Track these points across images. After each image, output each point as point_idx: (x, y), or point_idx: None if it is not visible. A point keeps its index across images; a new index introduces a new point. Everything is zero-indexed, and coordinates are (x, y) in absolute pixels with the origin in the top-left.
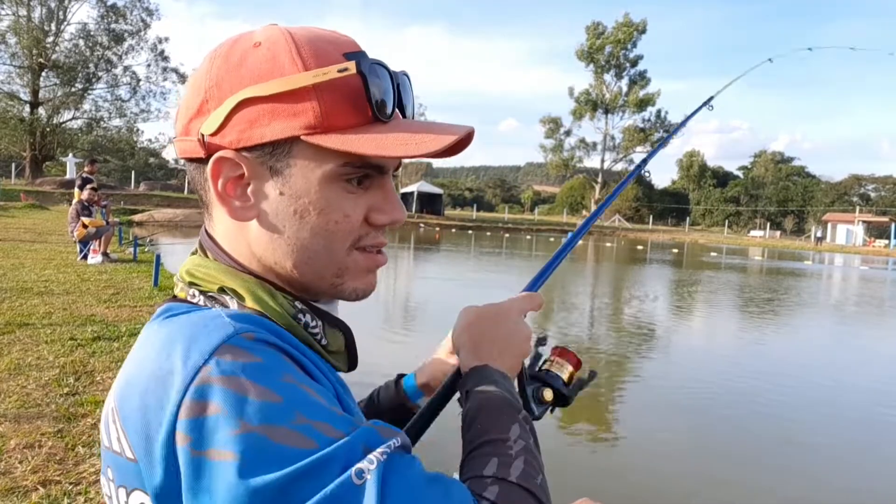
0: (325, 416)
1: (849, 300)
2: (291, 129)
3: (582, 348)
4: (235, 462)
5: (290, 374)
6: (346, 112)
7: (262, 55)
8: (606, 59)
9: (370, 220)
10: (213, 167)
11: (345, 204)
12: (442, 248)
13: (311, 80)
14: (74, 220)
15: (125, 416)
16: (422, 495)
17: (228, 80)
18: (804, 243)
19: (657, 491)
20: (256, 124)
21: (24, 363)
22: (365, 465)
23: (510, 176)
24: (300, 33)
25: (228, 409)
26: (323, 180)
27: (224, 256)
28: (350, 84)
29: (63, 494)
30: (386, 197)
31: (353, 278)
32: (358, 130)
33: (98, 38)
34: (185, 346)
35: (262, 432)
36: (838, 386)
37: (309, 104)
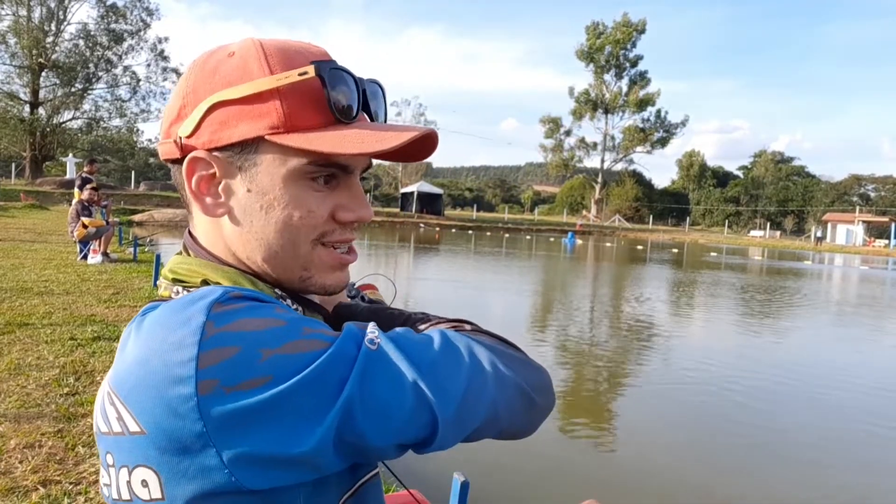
0: (321, 324)
1: (849, 300)
2: (257, 129)
3: (582, 348)
4: (271, 381)
5: (279, 307)
6: (308, 114)
7: (234, 63)
8: (606, 59)
9: (336, 217)
10: (188, 166)
11: (309, 200)
12: (442, 248)
13: (274, 83)
14: (74, 220)
15: (127, 392)
16: (419, 338)
17: (203, 87)
18: (804, 243)
19: (657, 491)
20: (226, 126)
21: (24, 363)
22: (371, 335)
23: (510, 176)
24: (272, 43)
25: (245, 344)
26: (287, 177)
27: (204, 252)
28: (312, 87)
29: (63, 494)
30: (352, 195)
31: (320, 273)
32: (320, 130)
33: (98, 38)
34: (181, 313)
35: (283, 351)
36: (839, 386)
37: (273, 106)
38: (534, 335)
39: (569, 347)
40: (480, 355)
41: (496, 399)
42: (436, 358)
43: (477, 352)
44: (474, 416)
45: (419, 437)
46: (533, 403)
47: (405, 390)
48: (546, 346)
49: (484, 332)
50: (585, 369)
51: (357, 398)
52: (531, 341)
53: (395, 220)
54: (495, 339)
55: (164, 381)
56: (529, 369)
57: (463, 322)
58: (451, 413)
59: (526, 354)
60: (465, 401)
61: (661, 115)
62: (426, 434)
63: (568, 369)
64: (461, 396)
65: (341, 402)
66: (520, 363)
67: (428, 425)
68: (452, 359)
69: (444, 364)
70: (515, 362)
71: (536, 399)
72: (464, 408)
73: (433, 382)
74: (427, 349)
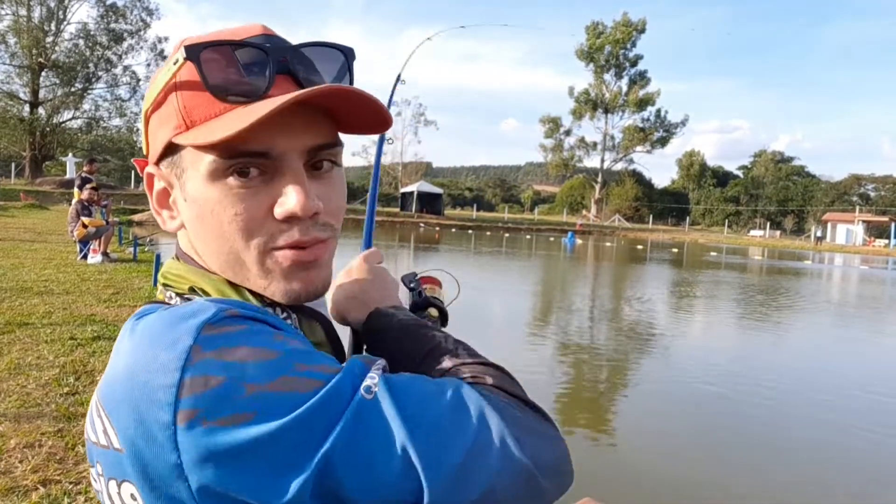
0: (319, 358)
1: (849, 300)
2: (167, 133)
3: (582, 347)
4: (251, 422)
5: (277, 333)
6: (204, 104)
7: (163, 67)
8: (606, 59)
9: (274, 215)
10: (146, 183)
11: (233, 201)
12: (442, 248)
13: (164, 79)
14: (74, 219)
15: (111, 408)
16: (423, 389)
17: (147, 99)
18: (804, 243)
19: (656, 490)
20: (154, 136)
21: (24, 363)
22: (369, 381)
23: (510, 176)
24: (196, 37)
25: (231, 376)
26: (207, 179)
27: (189, 259)
28: (196, 73)
29: (63, 494)
30: (286, 186)
31: (282, 279)
32: (214, 120)
33: (98, 37)
34: (170, 332)
35: (270, 388)
36: (840, 387)
37: (173, 104)
38: (533, 334)
39: (568, 347)
40: (491, 423)
41: (494, 483)
42: (437, 421)
43: (488, 418)
44: (467, 494)
45: (403, 502)
46: (539, 489)
47: (393, 452)
48: (546, 346)
49: (507, 392)
50: (585, 369)
51: (341, 450)
52: (531, 341)
53: (395, 220)
54: (517, 402)
55: (144, 403)
56: (546, 447)
57: (489, 369)
58: (441, 487)
59: (547, 420)
60: (459, 477)
61: (660, 114)
62: (410, 501)
63: (567, 368)
64: (455, 471)
65: (324, 452)
66: (535, 436)
67: (413, 493)
68: (456, 424)
69: (445, 429)
70: (530, 435)
71: (545, 484)
72: (457, 484)
73: (426, 449)
74: (429, 407)
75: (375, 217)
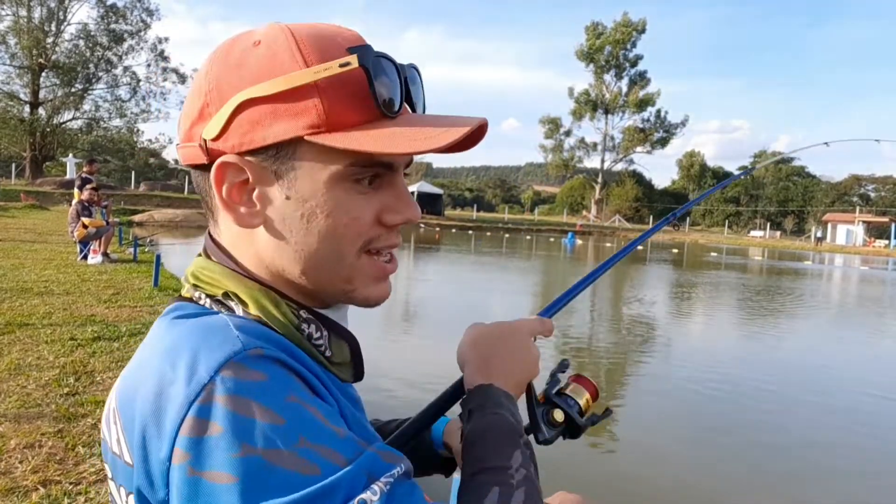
0: (328, 439)
1: (850, 300)
2: (294, 129)
3: (582, 347)
4: (235, 485)
5: (294, 394)
6: (350, 109)
7: (262, 54)
8: (606, 59)
9: (383, 221)
10: (217, 173)
11: (354, 205)
12: (442, 248)
13: (311, 76)
14: (74, 220)
15: (125, 421)
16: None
17: (228, 82)
18: (804, 243)
19: (657, 490)
20: (258, 126)
21: (24, 363)
22: (368, 496)
23: (510, 176)
24: (302, 30)
25: (231, 429)
26: (330, 182)
27: (229, 261)
28: (353, 79)
29: (63, 494)
30: (398, 196)
31: (364, 285)
32: (364, 128)
33: (98, 38)
34: (190, 358)
35: (264, 456)
36: (841, 387)
37: (311, 102)
38: None
39: (568, 346)
40: None
41: None
42: None
43: None
44: None
45: None
46: None
47: None
48: (545, 346)
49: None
50: (585, 369)
51: None
52: None
53: None
54: None
55: (151, 428)
56: None
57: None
58: None
59: None
60: None
61: (660, 115)
62: None
63: None
64: None
65: None
66: None
67: None
68: None
69: None
70: None
71: None
72: None
73: None
74: None
75: None
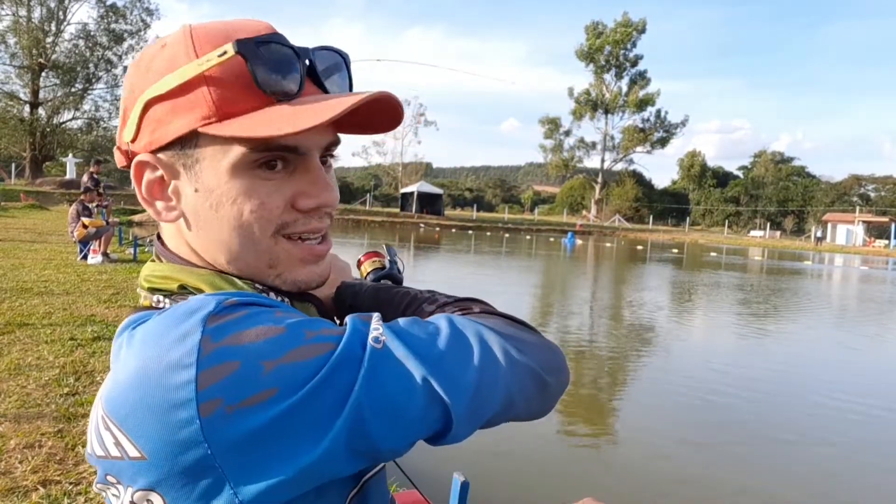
0: (322, 323)
1: (850, 300)
2: (190, 122)
3: (582, 348)
4: (277, 394)
5: (278, 310)
6: (241, 97)
7: (165, 54)
8: (606, 59)
9: (297, 206)
10: (135, 172)
11: (259, 191)
12: (442, 248)
13: (196, 69)
14: (74, 220)
15: (123, 417)
16: (426, 328)
17: (139, 86)
18: (804, 243)
19: (656, 490)
20: (162, 123)
21: (24, 363)
22: (375, 333)
23: (510, 176)
24: (204, 27)
25: (246, 358)
26: (232, 170)
27: (174, 257)
28: (238, 68)
29: (63, 494)
30: (312, 180)
31: (289, 269)
32: (254, 113)
33: (98, 38)
34: (175, 330)
35: (286, 360)
36: (842, 387)
37: (201, 94)
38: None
39: (568, 347)
40: (492, 342)
41: (510, 387)
42: (445, 350)
43: (488, 339)
44: (489, 406)
45: (432, 431)
46: (547, 386)
47: (415, 388)
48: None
49: (493, 314)
50: (585, 369)
51: (366, 401)
52: None
53: (395, 221)
54: (506, 321)
55: (162, 405)
56: (542, 350)
57: (471, 302)
58: (465, 406)
59: (538, 333)
60: (479, 392)
61: (660, 115)
62: (439, 428)
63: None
64: (474, 388)
65: (350, 406)
66: (532, 345)
67: (440, 419)
68: (462, 349)
69: (454, 356)
70: (527, 345)
71: (550, 381)
72: (477, 399)
73: (444, 376)
74: (435, 341)
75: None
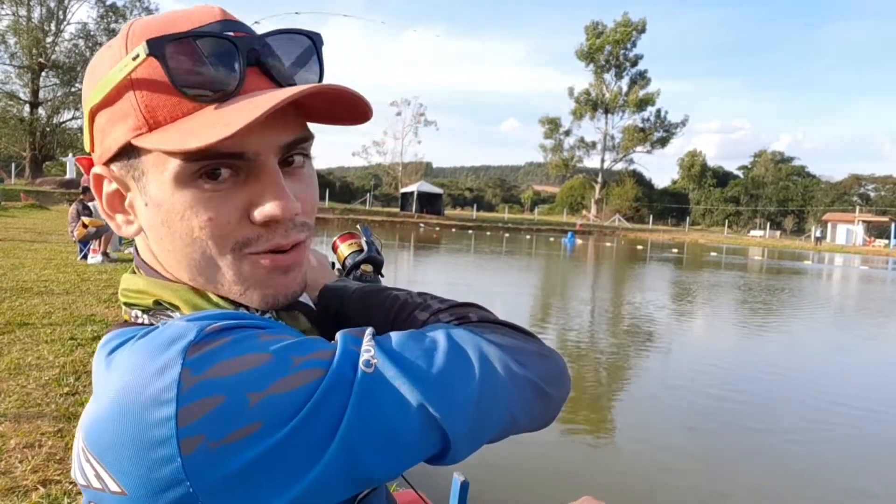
0: (312, 346)
1: (850, 300)
2: (124, 133)
3: (582, 348)
4: (262, 428)
5: (264, 333)
6: (170, 102)
7: (106, 57)
8: (606, 59)
9: (251, 218)
10: (93, 184)
11: (206, 204)
12: (442, 248)
13: (120, 73)
14: (74, 219)
15: (102, 451)
16: (420, 343)
17: (86, 92)
18: (804, 243)
19: (656, 490)
20: (104, 134)
21: (24, 363)
22: (366, 355)
23: (510, 176)
24: (143, 23)
25: (229, 392)
26: (174, 183)
27: (149, 269)
28: (160, 71)
29: (63, 494)
30: (263, 188)
31: (258, 286)
32: (183, 120)
33: (98, 37)
34: (154, 361)
35: (273, 391)
36: (841, 388)
37: (129, 102)
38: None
39: (567, 347)
40: (491, 356)
41: (511, 403)
42: (442, 370)
43: (488, 353)
44: (489, 426)
45: (429, 454)
46: (549, 398)
47: (409, 414)
48: None
49: (492, 322)
50: (585, 370)
51: (357, 429)
52: None
53: (395, 220)
54: (505, 329)
55: (141, 443)
56: (543, 360)
57: (467, 308)
58: (463, 429)
59: (537, 340)
60: (478, 413)
61: (660, 114)
62: (437, 450)
63: (568, 369)
64: (473, 409)
65: (340, 436)
66: (532, 355)
67: (438, 443)
68: (461, 367)
69: (452, 375)
70: (528, 355)
71: (552, 392)
72: (477, 420)
73: (440, 400)
74: (431, 360)
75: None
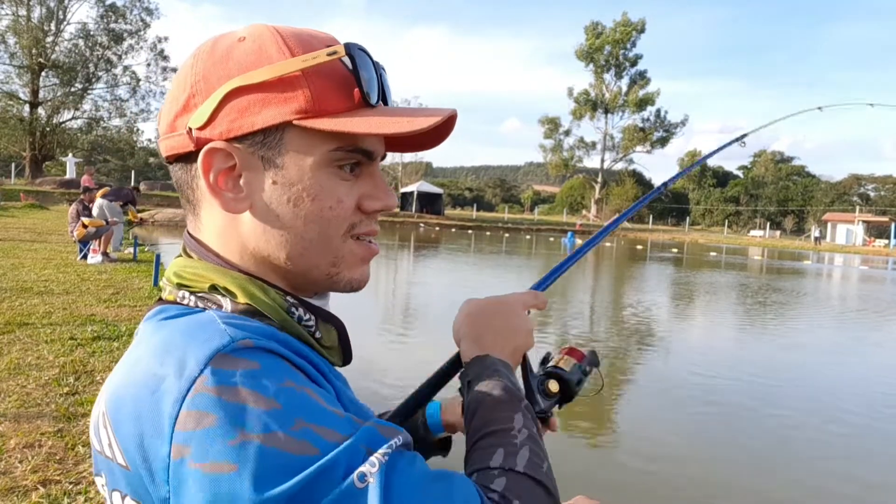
0: (325, 419)
1: (850, 300)
2: (283, 114)
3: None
4: (236, 473)
5: (289, 378)
6: (335, 97)
7: (249, 47)
8: (606, 59)
9: (362, 207)
10: (204, 159)
11: (338, 190)
12: (442, 247)
13: (300, 64)
14: (74, 219)
15: (117, 423)
16: (424, 494)
17: (215, 74)
18: (804, 243)
19: (654, 490)
20: (247, 113)
21: (24, 363)
22: (367, 468)
23: (510, 176)
24: (285, 30)
25: (226, 419)
26: (315, 166)
27: (211, 256)
28: (337, 70)
29: (63, 494)
30: (376, 184)
31: (349, 268)
32: (347, 115)
33: (98, 37)
34: (179, 355)
35: (262, 441)
36: (842, 387)
37: (299, 89)
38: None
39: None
40: None
41: None
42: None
43: None
44: None
45: None
46: None
47: None
48: (545, 347)
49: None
50: None
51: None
52: None
53: (395, 220)
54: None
55: (147, 428)
56: None
57: (532, 491)
58: None
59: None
60: None
61: (660, 114)
62: None
63: None
64: None
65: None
66: None
67: None
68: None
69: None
70: None
71: None
72: None
73: None
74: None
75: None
